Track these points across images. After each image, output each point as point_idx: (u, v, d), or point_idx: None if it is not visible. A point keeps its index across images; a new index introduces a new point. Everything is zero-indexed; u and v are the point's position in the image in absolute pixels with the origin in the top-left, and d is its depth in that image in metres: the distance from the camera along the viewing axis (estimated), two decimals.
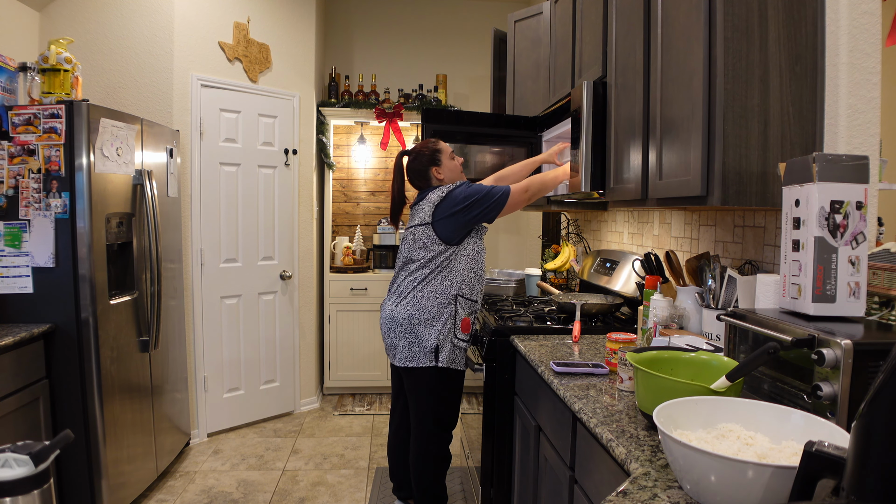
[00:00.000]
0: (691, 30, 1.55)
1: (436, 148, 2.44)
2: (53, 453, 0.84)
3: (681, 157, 1.61)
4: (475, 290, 2.40)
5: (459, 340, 2.36)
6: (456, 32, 4.90)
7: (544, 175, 2.41)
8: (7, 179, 2.48)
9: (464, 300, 2.36)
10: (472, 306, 2.40)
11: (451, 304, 2.34)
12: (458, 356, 2.39)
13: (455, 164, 2.45)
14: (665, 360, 1.33)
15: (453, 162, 2.45)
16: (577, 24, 2.54)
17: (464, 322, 2.36)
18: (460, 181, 2.41)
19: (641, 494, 0.96)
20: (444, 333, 2.34)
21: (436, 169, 2.43)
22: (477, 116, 2.99)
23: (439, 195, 2.33)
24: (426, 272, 2.34)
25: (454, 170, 2.45)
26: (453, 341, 2.35)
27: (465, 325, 2.37)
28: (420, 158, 2.44)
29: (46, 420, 2.43)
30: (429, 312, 2.33)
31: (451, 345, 2.34)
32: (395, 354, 2.39)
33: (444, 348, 2.33)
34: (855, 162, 1.17)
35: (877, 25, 1.45)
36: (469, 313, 2.39)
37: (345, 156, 4.94)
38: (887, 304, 1.32)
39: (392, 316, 2.38)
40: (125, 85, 3.40)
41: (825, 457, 0.69)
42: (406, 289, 2.37)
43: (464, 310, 2.36)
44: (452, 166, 2.44)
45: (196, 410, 3.62)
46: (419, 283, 2.35)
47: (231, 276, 3.80)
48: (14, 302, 2.49)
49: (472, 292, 2.39)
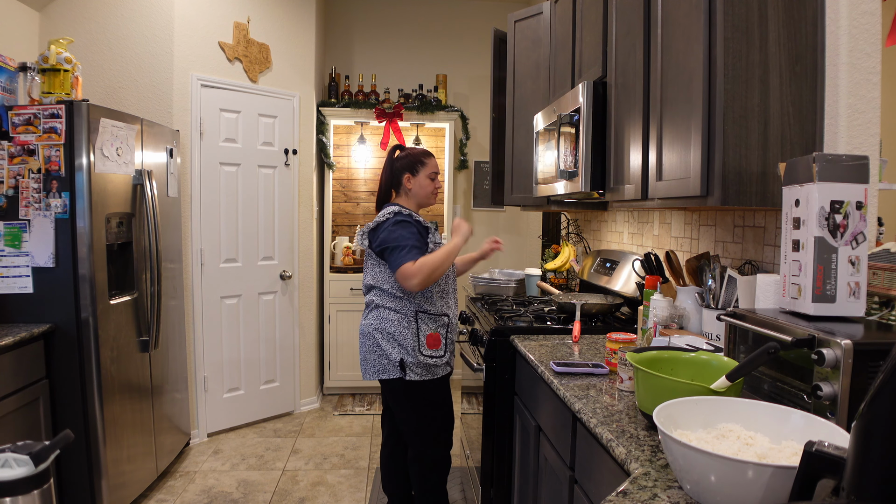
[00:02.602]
0: (691, 30, 1.55)
1: (422, 158, 2.36)
2: (53, 453, 0.84)
3: (681, 157, 1.61)
4: (440, 304, 2.31)
5: (427, 357, 2.26)
6: (456, 32, 4.90)
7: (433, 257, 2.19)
8: (7, 179, 2.48)
9: (426, 316, 2.28)
10: (438, 321, 2.30)
11: (412, 322, 2.27)
12: (428, 370, 2.29)
13: (429, 185, 2.36)
14: (665, 360, 1.33)
15: (429, 182, 2.36)
16: (577, 24, 2.54)
17: (429, 338, 2.27)
18: (402, 212, 2.26)
19: (641, 494, 0.96)
20: (408, 350, 2.25)
21: (408, 176, 2.34)
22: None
23: (375, 222, 2.28)
24: (384, 288, 2.29)
25: (424, 188, 2.35)
26: (419, 358, 2.25)
27: (431, 341, 2.28)
28: (406, 158, 2.36)
29: (46, 420, 2.43)
30: (391, 328, 2.27)
31: (418, 361, 2.25)
32: (365, 368, 2.34)
33: (410, 364, 2.25)
34: (855, 162, 1.17)
35: (877, 25, 1.45)
36: (436, 328, 2.29)
37: (345, 156, 4.93)
38: (887, 304, 1.32)
39: (361, 329, 2.36)
40: (125, 85, 3.40)
41: (825, 457, 0.69)
42: (371, 303, 2.35)
43: (428, 326, 2.27)
44: (425, 184, 2.35)
45: (196, 410, 3.62)
46: (379, 299, 2.31)
47: (231, 276, 3.80)
48: (14, 302, 2.49)
49: (436, 307, 2.31)
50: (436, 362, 2.28)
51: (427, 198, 2.38)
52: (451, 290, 2.38)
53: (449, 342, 2.34)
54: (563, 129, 2.37)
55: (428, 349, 2.26)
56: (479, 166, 4.91)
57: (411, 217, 2.26)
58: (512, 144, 3.22)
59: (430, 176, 2.36)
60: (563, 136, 2.37)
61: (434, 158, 2.40)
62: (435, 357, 2.28)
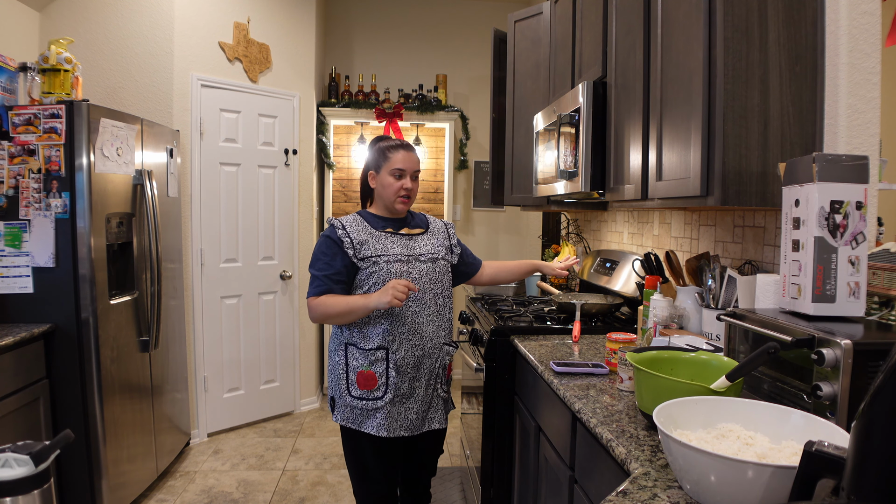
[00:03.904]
0: (691, 30, 1.55)
1: (387, 152, 1.95)
2: (53, 453, 0.84)
3: (681, 157, 1.61)
4: (375, 336, 1.87)
5: (353, 399, 1.88)
6: (456, 32, 4.90)
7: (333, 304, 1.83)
8: (7, 179, 2.48)
9: (356, 350, 1.88)
10: (371, 357, 1.86)
11: (342, 354, 1.91)
12: (354, 416, 1.89)
13: (391, 185, 1.92)
14: (665, 360, 1.33)
15: (392, 181, 1.92)
16: (577, 24, 2.54)
17: (360, 377, 1.86)
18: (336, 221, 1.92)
19: (641, 494, 0.96)
20: (336, 385, 1.93)
21: (371, 174, 1.98)
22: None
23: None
24: None
25: (387, 188, 1.93)
26: (345, 399, 1.89)
27: (362, 381, 1.86)
28: (372, 151, 2.00)
29: (46, 420, 2.43)
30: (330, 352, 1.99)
31: (344, 402, 1.90)
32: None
33: (338, 404, 1.93)
34: (855, 162, 1.17)
35: (877, 25, 1.45)
36: (370, 365, 1.86)
37: (345, 156, 4.93)
38: (887, 304, 1.32)
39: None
40: (125, 85, 3.40)
41: (825, 457, 0.69)
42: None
43: (358, 361, 1.87)
44: (387, 183, 1.92)
45: (196, 410, 3.62)
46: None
47: (231, 276, 3.80)
48: (14, 302, 2.49)
49: (369, 340, 1.87)
50: (366, 406, 1.86)
51: (390, 201, 1.93)
52: (407, 313, 1.88)
53: (395, 380, 1.87)
54: (563, 129, 2.37)
55: (358, 389, 1.87)
56: (479, 166, 4.91)
57: (333, 228, 1.90)
58: (512, 144, 3.22)
59: (393, 173, 1.92)
60: (563, 136, 2.37)
61: (405, 152, 1.95)
62: (366, 399, 1.86)
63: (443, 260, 2.00)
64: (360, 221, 1.94)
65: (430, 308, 1.94)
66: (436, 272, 1.95)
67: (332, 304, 1.82)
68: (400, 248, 1.91)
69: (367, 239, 1.89)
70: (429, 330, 1.93)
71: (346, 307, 1.81)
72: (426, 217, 2.12)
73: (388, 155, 1.95)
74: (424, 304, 1.92)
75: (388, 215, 1.98)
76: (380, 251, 1.88)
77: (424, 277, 1.92)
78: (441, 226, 2.10)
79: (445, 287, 2.00)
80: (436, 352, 1.95)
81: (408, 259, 1.90)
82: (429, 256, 1.95)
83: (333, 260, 1.86)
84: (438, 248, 2.00)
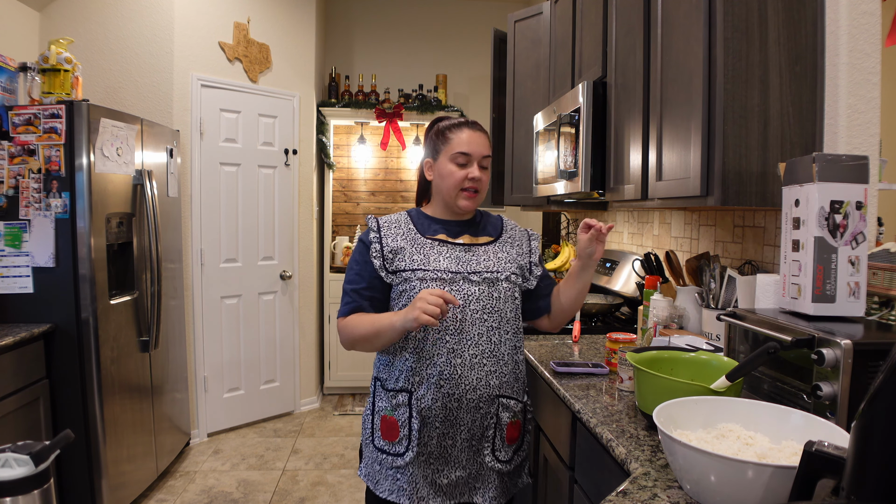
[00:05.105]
0: (691, 30, 1.55)
1: (447, 132, 1.50)
2: (54, 453, 0.84)
3: (681, 157, 1.61)
4: (399, 370, 1.44)
5: (376, 450, 1.47)
6: (456, 32, 4.90)
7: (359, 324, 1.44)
8: (7, 179, 2.48)
9: (381, 388, 1.48)
10: (394, 399, 1.44)
11: (371, 388, 1.54)
12: (374, 472, 1.48)
13: (453, 174, 1.47)
14: (665, 360, 1.33)
15: (455, 170, 1.47)
16: (577, 25, 2.54)
17: (383, 423, 1.46)
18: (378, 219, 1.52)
19: (641, 494, 0.96)
20: (367, 430, 1.52)
21: (429, 163, 1.55)
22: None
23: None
24: None
25: (446, 179, 1.48)
26: (370, 448, 1.50)
27: (385, 428, 1.45)
28: (429, 136, 1.56)
29: (46, 420, 2.43)
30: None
31: (369, 451, 1.50)
32: None
33: (365, 453, 1.53)
34: (855, 162, 1.17)
35: (877, 25, 1.45)
36: (392, 409, 1.44)
37: (345, 156, 4.94)
38: (887, 304, 1.32)
39: None
40: (125, 85, 3.40)
41: (825, 457, 0.69)
42: None
43: (383, 403, 1.46)
44: (446, 173, 1.48)
45: (196, 410, 3.62)
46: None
47: (231, 276, 3.80)
48: (14, 302, 2.49)
49: (393, 377, 1.45)
50: (387, 462, 1.44)
51: (450, 196, 1.49)
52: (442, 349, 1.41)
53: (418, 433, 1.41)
54: (563, 129, 2.37)
55: (381, 439, 1.47)
56: None
57: (368, 230, 1.51)
58: (512, 144, 3.22)
59: (454, 159, 1.47)
60: (563, 136, 2.37)
61: (470, 131, 1.50)
62: (387, 454, 1.45)
63: (507, 282, 1.47)
64: (406, 222, 1.51)
65: (478, 346, 1.41)
66: (492, 298, 1.44)
67: (357, 324, 1.44)
68: (447, 262, 1.44)
69: (405, 247, 1.46)
70: (472, 376, 1.40)
71: (371, 328, 1.42)
72: (503, 220, 1.61)
73: (447, 136, 1.49)
74: (468, 338, 1.41)
75: (448, 216, 1.53)
76: (417, 264, 1.43)
77: (473, 304, 1.42)
78: (522, 235, 1.59)
79: (506, 319, 1.46)
80: (484, 406, 1.42)
81: (452, 278, 1.42)
82: (485, 275, 1.44)
83: (364, 270, 1.48)
84: (507, 263, 1.49)
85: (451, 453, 1.43)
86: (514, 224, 1.61)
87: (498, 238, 1.55)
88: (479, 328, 1.42)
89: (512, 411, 1.46)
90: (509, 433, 1.46)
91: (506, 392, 1.46)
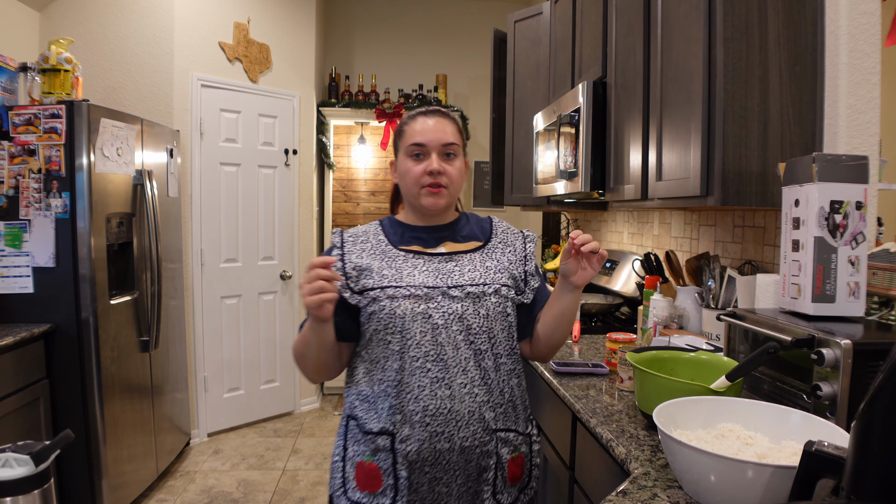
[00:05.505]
0: (691, 30, 1.55)
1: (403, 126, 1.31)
2: (54, 453, 0.84)
3: (681, 157, 1.61)
4: (381, 414, 1.20)
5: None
6: (456, 32, 4.90)
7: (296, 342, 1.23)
8: (7, 179, 2.48)
9: (357, 427, 1.24)
10: (372, 443, 1.20)
11: (342, 426, 1.29)
12: None
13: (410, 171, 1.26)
14: (665, 360, 1.33)
15: (410, 166, 1.26)
16: (577, 24, 2.54)
17: (359, 471, 1.23)
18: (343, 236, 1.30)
19: (641, 494, 0.96)
20: (336, 479, 1.26)
21: (392, 164, 1.35)
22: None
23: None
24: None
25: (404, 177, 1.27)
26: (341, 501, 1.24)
27: (362, 477, 1.22)
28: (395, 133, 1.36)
29: (47, 420, 2.43)
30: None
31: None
32: None
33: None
34: (854, 162, 1.17)
35: (876, 25, 1.46)
36: (371, 455, 1.21)
37: (345, 156, 4.94)
38: (887, 304, 1.32)
39: None
40: (125, 85, 3.40)
41: (825, 456, 0.69)
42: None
43: (358, 447, 1.23)
44: (405, 171, 1.27)
45: (196, 410, 3.62)
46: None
47: (231, 276, 3.80)
48: (14, 302, 2.49)
49: (373, 416, 1.21)
50: None
51: (413, 196, 1.27)
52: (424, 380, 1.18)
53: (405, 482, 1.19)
54: (563, 129, 2.37)
55: (358, 490, 1.22)
56: (479, 166, 4.91)
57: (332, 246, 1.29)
58: (512, 144, 3.22)
59: (409, 152, 1.27)
60: (563, 136, 2.37)
61: (423, 118, 1.29)
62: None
63: (497, 295, 1.23)
64: (376, 234, 1.31)
65: (467, 373, 1.19)
66: (479, 315, 1.21)
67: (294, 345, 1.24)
68: (423, 276, 1.22)
69: (373, 262, 1.24)
70: (462, 409, 1.18)
71: (301, 342, 1.22)
72: (492, 222, 1.37)
73: (403, 130, 1.31)
74: (454, 365, 1.19)
75: (422, 221, 1.31)
76: (387, 280, 1.21)
77: (456, 324, 1.19)
78: (515, 237, 1.35)
79: (498, 340, 1.23)
80: (479, 444, 1.20)
81: (428, 294, 1.19)
82: (469, 289, 1.21)
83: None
84: (497, 273, 1.26)
85: (445, 501, 1.22)
86: (506, 226, 1.38)
87: (486, 243, 1.32)
88: (465, 352, 1.19)
89: (512, 445, 1.26)
90: (511, 471, 1.26)
91: (504, 424, 1.25)
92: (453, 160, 1.28)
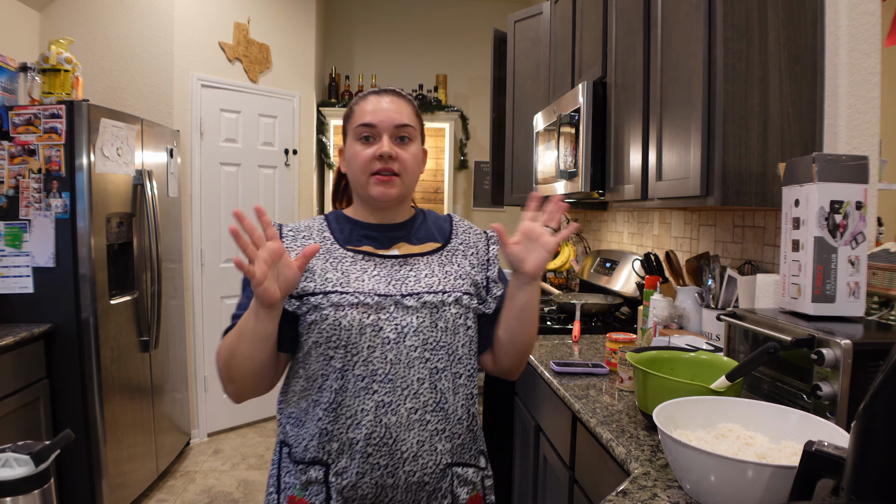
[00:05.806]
0: (691, 30, 1.55)
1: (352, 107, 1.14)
2: (54, 453, 0.84)
3: (680, 157, 1.61)
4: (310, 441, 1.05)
5: None
6: (456, 32, 4.90)
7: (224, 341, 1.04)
8: (7, 179, 2.48)
9: (288, 457, 1.10)
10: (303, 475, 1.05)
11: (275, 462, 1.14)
12: None
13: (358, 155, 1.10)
14: (665, 360, 1.33)
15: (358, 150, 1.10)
16: (577, 24, 2.54)
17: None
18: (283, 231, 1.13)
19: (641, 494, 0.96)
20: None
21: (340, 150, 1.19)
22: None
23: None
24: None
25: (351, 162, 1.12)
26: None
27: None
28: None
29: (47, 420, 2.43)
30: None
31: None
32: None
33: None
34: (854, 162, 1.17)
35: (876, 25, 1.46)
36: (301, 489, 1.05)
37: None
38: (887, 304, 1.32)
39: None
40: (125, 85, 3.40)
41: (825, 456, 0.69)
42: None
43: (290, 478, 1.08)
44: (352, 155, 1.12)
45: (196, 410, 3.62)
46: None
47: (231, 275, 3.80)
48: (14, 302, 2.49)
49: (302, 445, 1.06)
50: None
51: (360, 184, 1.11)
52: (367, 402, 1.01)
53: None
54: (563, 129, 2.37)
55: None
56: (479, 166, 4.91)
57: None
58: (512, 144, 3.22)
59: (357, 135, 1.11)
60: (563, 136, 2.37)
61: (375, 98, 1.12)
62: None
63: (457, 305, 1.08)
64: (320, 230, 1.14)
65: (418, 396, 1.03)
66: (436, 328, 1.06)
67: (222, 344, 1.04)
68: (373, 282, 1.06)
69: (315, 264, 1.07)
70: (411, 439, 1.02)
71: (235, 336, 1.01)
72: (452, 221, 1.22)
73: (352, 110, 1.14)
74: (405, 387, 1.02)
75: (374, 217, 1.15)
76: (331, 284, 1.05)
77: (410, 338, 1.04)
78: (478, 239, 1.20)
79: (457, 357, 1.08)
80: (430, 480, 1.04)
81: (380, 303, 1.04)
82: (426, 297, 1.06)
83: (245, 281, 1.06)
84: (458, 280, 1.11)
85: None
86: (467, 224, 1.22)
87: (446, 245, 1.16)
88: (420, 371, 1.03)
89: (471, 483, 1.09)
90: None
91: (461, 458, 1.08)
92: (408, 144, 1.12)
